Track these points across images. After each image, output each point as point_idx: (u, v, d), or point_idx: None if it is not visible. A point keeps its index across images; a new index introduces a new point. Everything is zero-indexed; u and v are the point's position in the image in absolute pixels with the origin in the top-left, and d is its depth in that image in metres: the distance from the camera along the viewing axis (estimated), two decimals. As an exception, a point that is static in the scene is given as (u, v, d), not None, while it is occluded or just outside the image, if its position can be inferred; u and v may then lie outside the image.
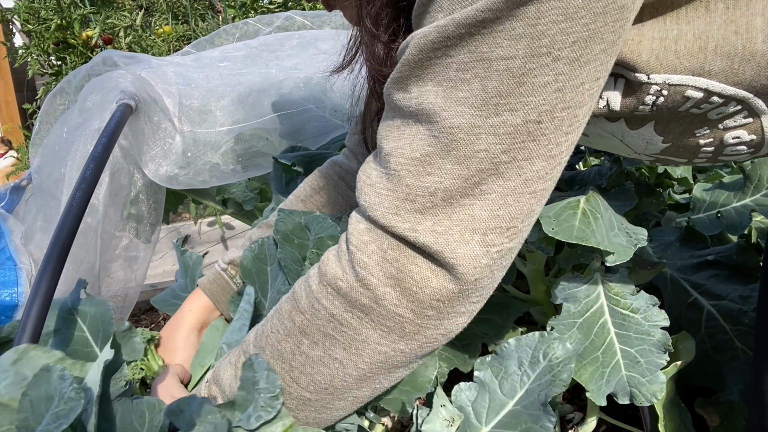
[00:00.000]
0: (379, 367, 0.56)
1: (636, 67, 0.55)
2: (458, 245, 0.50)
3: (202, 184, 1.17)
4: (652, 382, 0.76)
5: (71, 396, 0.51)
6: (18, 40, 3.23)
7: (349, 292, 0.54)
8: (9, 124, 3.29)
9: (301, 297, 0.58)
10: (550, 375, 0.62)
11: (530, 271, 1.13)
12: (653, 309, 0.82)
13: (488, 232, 0.50)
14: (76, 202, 0.72)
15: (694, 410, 0.95)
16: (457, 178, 0.49)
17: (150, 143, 1.07)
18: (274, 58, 1.28)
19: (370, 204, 0.54)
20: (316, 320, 0.56)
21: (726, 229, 1.15)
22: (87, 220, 1.03)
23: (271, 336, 0.59)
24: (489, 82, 0.46)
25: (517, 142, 0.48)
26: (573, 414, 1.21)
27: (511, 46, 0.45)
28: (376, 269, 0.53)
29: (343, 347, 0.55)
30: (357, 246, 0.54)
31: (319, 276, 0.58)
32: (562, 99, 0.47)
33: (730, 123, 0.60)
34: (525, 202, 0.50)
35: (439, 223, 0.50)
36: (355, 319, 0.54)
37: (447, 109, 0.48)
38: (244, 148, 1.26)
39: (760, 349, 0.73)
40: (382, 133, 0.54)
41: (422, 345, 0.55)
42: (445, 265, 0.51)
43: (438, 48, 0.48)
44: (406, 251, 0.52)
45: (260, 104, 1.21)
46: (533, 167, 0.49)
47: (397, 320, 0.53)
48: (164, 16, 3.36)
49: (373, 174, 0.54)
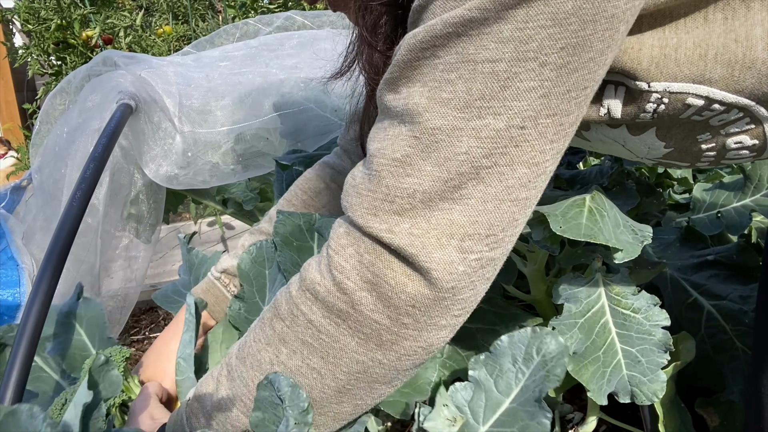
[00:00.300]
0: (358, 378, 0.55)
1: (636, 75, 0.55)
2: (434, 249, 0.49)
3: (203, 184, 1.17)
4: (653, 381, 0.76)
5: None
6: (18, 40, 3.23)
7: (326, 297, 0.53)
8: (9, 124, 3.29)
9: (281, 303, 0.58)
10: (544, 371, 0.62)
11: (531, 271, 1.13)
12: (654, 309, 0.82)
13: (466, 238, 0.49)
14: (76, 202, 0.72)
15: (694, 410, 0.95)
16: (436, 181, 0.48)
17: (150, 143, 1.07)
18: (274, 58, 1.28)
19: (351, 204, 0.53)
20: (295, 327, 0.55)
21: (726, 229, 1.15)
22: (87, 220, 1.03)
23: (252, 346, 0.58)
24: (473, 84, 0.46)
25: (499, 146, 0.47)
26: (573, 414, 1.21)
27: (497, 49, 0.45)
28: (353, 273, 0.52)
29: (321, 356, 0.54)
30: (335, 249, 0.54)
31: (299, 281, 0.57)
32: (547, 105, 0.46)
33: (733, 129, 0.60)
34: (506, 209, 0.49)
35: (416, 226, 0.49)
36: (332, 325, 0.53)
37: (430, 109, 0.48)
38: (244, 148, 1.26)
39: (759, 349, 0.73)
40: (371, 135, 0.54)
41: (401, 357, 0.54)
42: (420, 269, 0.50)
43: (426, 48, 0.47)
44: (382, 255, 0.51)
45: (260, 104, 1.21)
46: (515, 174, 0.48)
47: (373, 327, 0.52)
48: (164, 16, 3.36)
49: (358, 176, 0.54)
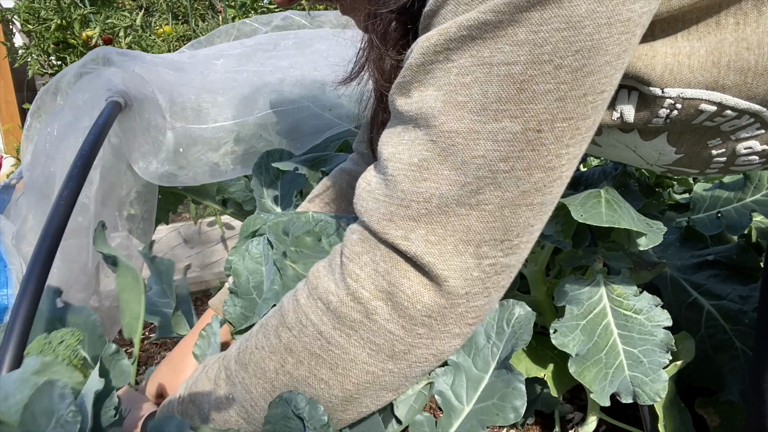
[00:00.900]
0: (366, 388, 0.55)
1: (650, 81, 0.55)
2: (451, 256, 0.49)
3: (193, 181, 1.16)
4: (655, 381, 0.77)
5: (68, 419, 0.50)
6: (18, 40, 3.23)
7: (339, 307, 0.52)
8: (9, 124, 3.29)
9: (288, 311, 0.56)
10: (515, 339, 0.63)
11: (531, 271, 1.13)
12: (656, 309, 0.83)
13: (482, 244, 0.49)
14: (63, 201, 0.71)
15: (694, 410, 0.95)
16: (453, 185, 0.48)
17: (140, 140, 1.06)
18: (270, 57, 1.27)
19: (366, 209, 0.53)
20: (303, 337, 0.54)
21: (726, 229, 1.15)
22: (78, 219, 1.02)
23: (255, 353, 0.57)
24: (489, 87, 0.46)
25: (515, 150, 0.47)
26: (573, 414, 1.21)
27: (512, 52, 0.45)
28: (368, 282, 0.51)
29: (329, 367, 0.54)
30: (349, 257, 0.53)
31: (308, 289, 0.56)
32: (563, 109, 0.46)
33: (743, 134, 0.60)
34: (521, 214, 0.49)
35: (432, 232, 0.49)
36: (343, 337, 0.52)
37: (445, 113, 0.47)
38: (244, 148, 1.25)
39: (760, 348, 0.73)
40: (383, 140, 0.53)
41: (411, 365, 0.54)
42: (437, 278, 0.50)
43: (440, 51, 0.47)
44: (398, 263, 0.51)
45: (255, 101, 1.21)
46: (531, 178, 0.48)
47: (387, 337, 0.52)
48: (164, 16, 3.36)
49: (372, 181, 0.53)
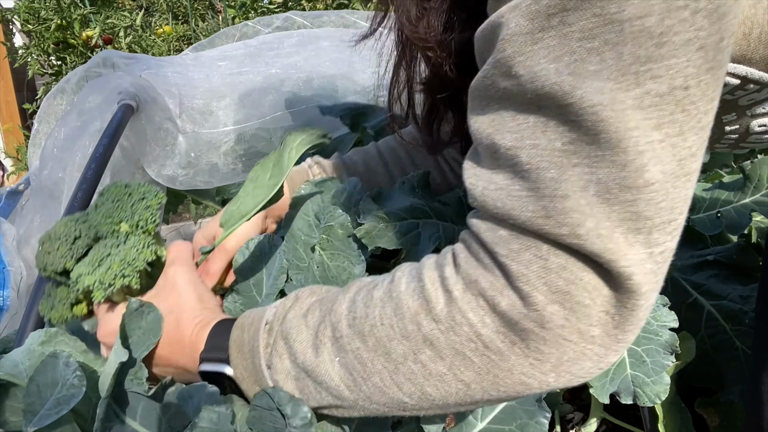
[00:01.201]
0: (512, 396, 0.49)
1: None
2: (627, 249, 0.42)
3: (205, 185, 1.17)
4: (656, 383, 0.75)
5: (73, 383, 0.52)
6: (18, 40, 3.23)
7: (508, 311, 0.46)
8: (9, 124, 3.29)
9: (438, 300, 0.49)
10: None
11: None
12: (663, 309, 0.81)
13: (653, 230, 0.42)
14: (77, 203, 0.72)
15: (694, 410, 0.95)
16: (611, 166, 0.41)
17: (153, 144, 1.07)
18: (274, 56, 1.27)
19: (507, 210, 0.46)
20: (453, 335, 0.48)
21: (726, 228, 1.15)
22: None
23: (380, 329, 0.51)
24: (624, 48, 0.40)
25: (665, 114, 0.41)
26: (573, 414, 1.21)
27: (643, 2, 0.39)
28: (539, 282, 0.45)
29: (476, 371, 0.48)
30: (507, 255, 0.46)
31: (464, 282, 0.48)
32: (705, 58, 0.40)
33: (759, 110, 0.58)
34: (682, 186, 0.43)
35: (600, 226, 0.42)
36: (506, 343, 0.46)
37: (579, 86, 0.41)
38: (245, 148, 1.26)
39: (758, 350, 0.73)
40: (489, 129, 0.47)
41: (571, 380, 0.47)
42: (618, 276, 0.43)
43: (553, 14, 0.41)
44: (570, 258, 0.44)
45: (261, 104, 1.21)
46: (686, 143, 0.42)
47: (560, 347, 0.45)
48: (164, 16, 3.36)
49: (496, 177, 0.47)
